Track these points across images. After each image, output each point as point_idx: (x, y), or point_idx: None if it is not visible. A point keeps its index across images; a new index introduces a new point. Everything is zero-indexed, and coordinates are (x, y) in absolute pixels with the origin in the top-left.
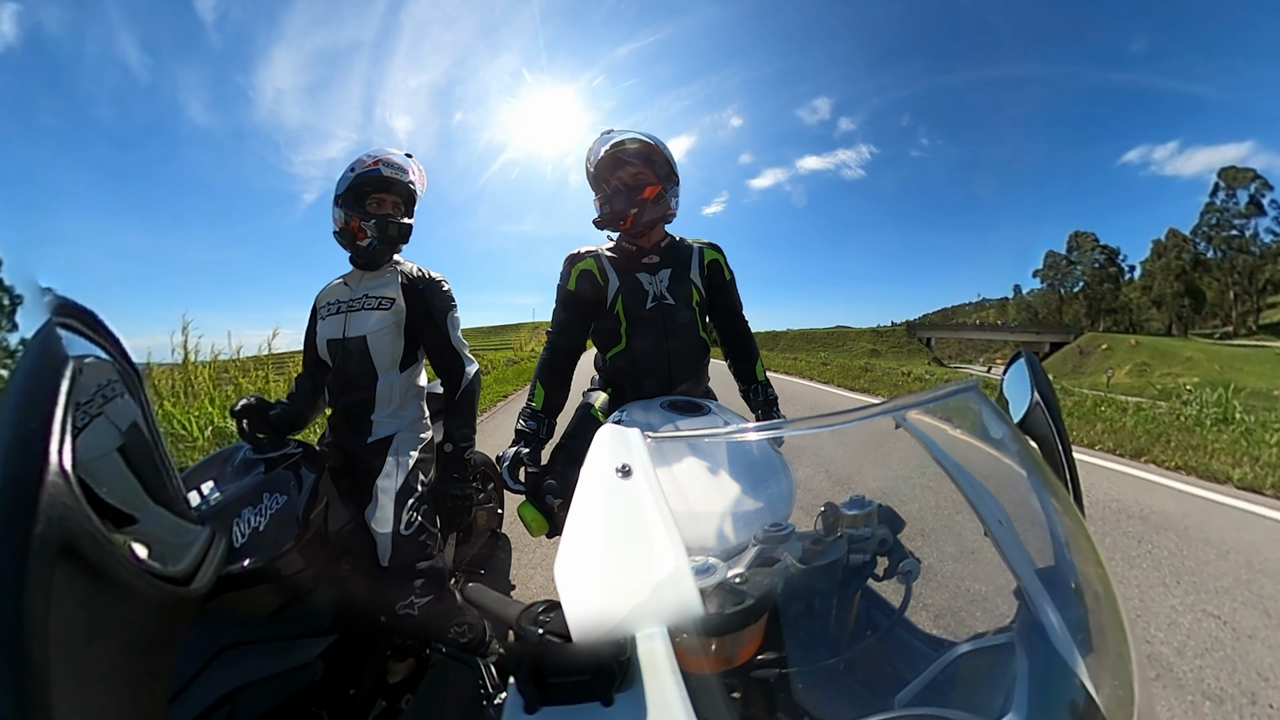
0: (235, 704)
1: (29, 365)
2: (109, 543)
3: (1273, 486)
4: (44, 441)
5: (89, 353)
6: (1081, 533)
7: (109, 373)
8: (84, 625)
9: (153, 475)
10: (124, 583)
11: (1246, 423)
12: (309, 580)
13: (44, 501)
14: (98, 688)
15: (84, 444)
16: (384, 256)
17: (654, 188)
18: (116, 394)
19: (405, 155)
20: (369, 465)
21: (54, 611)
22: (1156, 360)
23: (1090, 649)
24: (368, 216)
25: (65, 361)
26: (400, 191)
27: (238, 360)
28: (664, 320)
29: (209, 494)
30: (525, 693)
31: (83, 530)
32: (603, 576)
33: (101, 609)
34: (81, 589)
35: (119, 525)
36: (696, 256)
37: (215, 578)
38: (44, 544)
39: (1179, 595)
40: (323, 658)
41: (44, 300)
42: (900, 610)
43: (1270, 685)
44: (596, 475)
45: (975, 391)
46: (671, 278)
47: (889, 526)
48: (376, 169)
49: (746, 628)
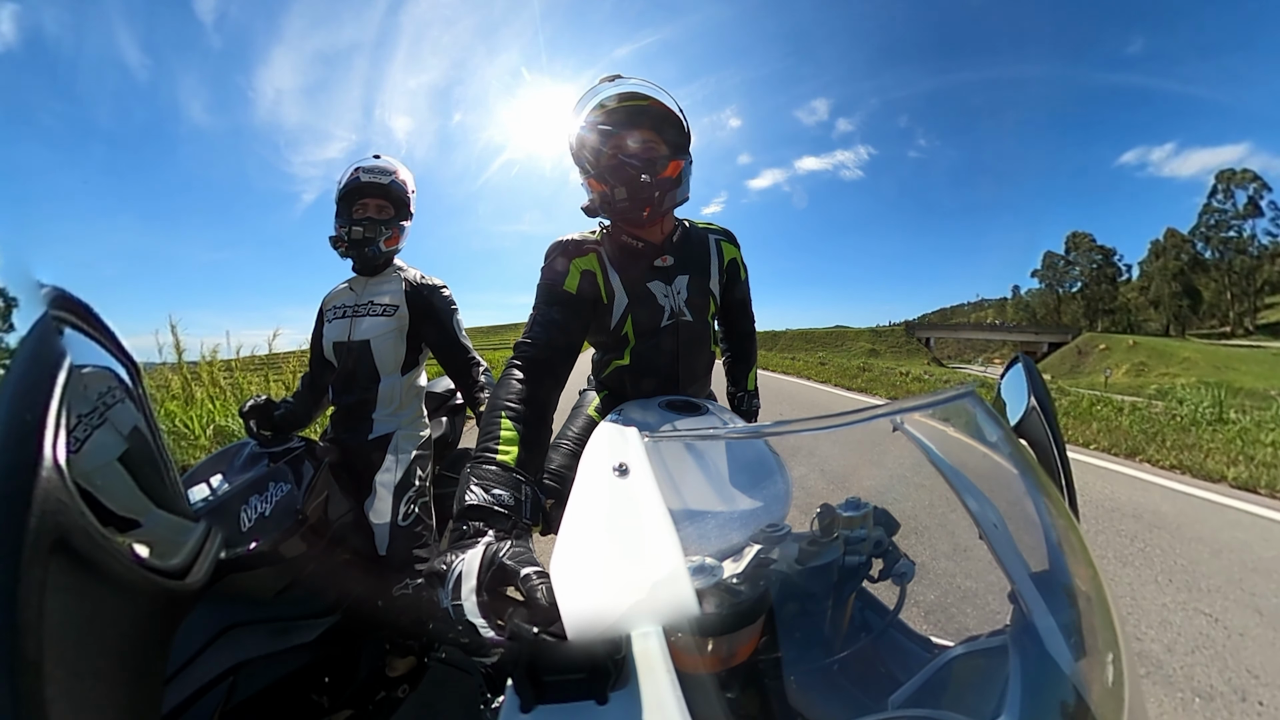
0: (238, 678)
1: (24, 359)
2: (103, 537)
3: (1267, 486)
4: (38, 436)
5: (86, 349)
6: (1075, 537)
7: (109, 379)
8: (78, 619)
9: (154, 478)
10: (119, 577)
11: (1241, 422)
12: (310, 565)
13: (38, 496)
14: (92, 681)
15: (88, 452)
16: (376, 260)
17: (677, 163)
18: (118, 400)
19: (387, 159)
20: (368, 460)
21: (48, 606)
22: (1154, 360)
23: (1083, 653)
24: (345, 221)
25: (62, 356)
26: (385, 195)
27: (238, 360)
28: (679, 338)
29: (218, 486)
30: (521, 691)
31: (77, 525)
32: (599, 575)
33: (96, 603)
34: (76, 583)
35: (122, 530)
36: (715, 254)
37: (211, 571)
38: (38, 538)
39: (1171, 593)
40: (322, 639)
41: (41, 294)
42: (895, 611)
43: (1260, 683)
44: (594, 473)
45: (973, 396)
46: (690, 287)
47: (884, 528)
48: (356, 177)
49: (742, 628)
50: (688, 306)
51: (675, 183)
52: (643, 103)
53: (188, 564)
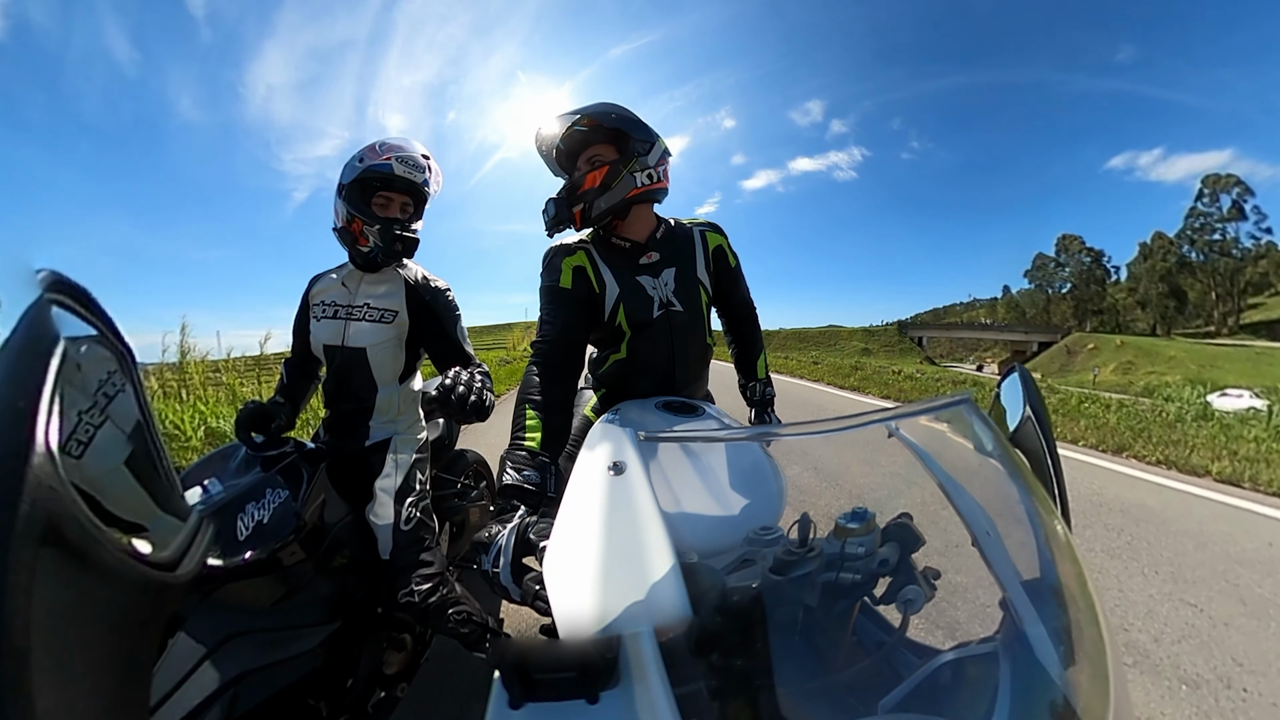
0: (239, 689)
1: (18, 342)
2: (95, 527)
3: (1251, 480)
4: (30, 421)
5: (83, 333)
6: (1067, 546)
7: (107, 365)
8: (67, 609)
9: (154, 476)
10: (109, 567)
11: (1225, 418)
12: (309, 572)
13: (29, 482)
14: (79, 672)
15: (93, 457)
16: (385, 265)
17: (594, 174)
18: (118, 389)
19: (424, 155)
20: (365, 465)
21: (37, 595)
22: (1141, 359)
23: (1072, 660)
24: (372, 219)
25: (56, 340)
26: (413, 193)
27: (228, 361)
28: (671, 329)
29: (212, 489)
30: (510, 689)
31: (67, 513)
32: (592, 575)
33: (85, 593)
34: (65, 572)
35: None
36: (700, 245)
37: (201, 564)
38: (28, 526)
39: (1156, 585)
40: (323, 646)
41: (36, 277)
42: (898, 634)
43: (1245, 670)
44: (589, 473)
45: (968, 403)
46: (677, 278)
47: (901, 545)
48: (389, 164)
49: (734, 630)
50: (676, 296)
51: (600, 190)
52: (583, 126)
53: (178, 556)
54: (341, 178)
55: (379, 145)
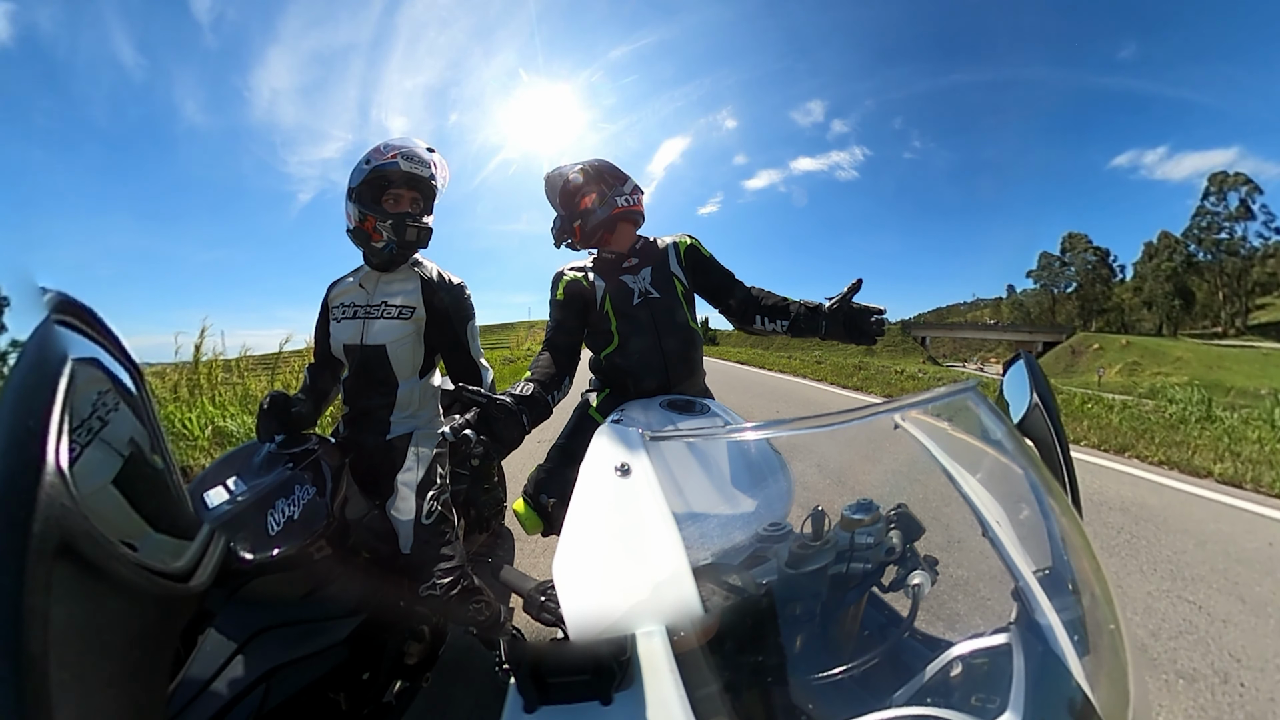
0: (271, 683)
1: (27, 363)
2: (107, 541)
3: (1253, 481)
4: (41, 441)
5: (89, 353)
6: (1079, 534)
7: (104, 384)
8: (83, 622)
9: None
10: (123, 580)
11: (1229, 420)
12: (336, 566)
13: (41, 500)
14: (96, 683)
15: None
16: (401, 260)
17: (587, 197)
18: (112, 407)
19: (428, 149)
20: (387, 459)
21: (53, 609)
22: (1147, 360)
23: (1087, 649)
24: (384, 215)
25: (64, 360)
26: (421, 188)
27: (243, 359)
28: (653, 314)
29: (235, 488)
30: (525, 692)
31: (80, 528)
32: (602, 575)
33: (100, 606)
34: (80, 587)
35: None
36: (672, 251)
37: (215, 574)
38: (42, 542)
39: (1155, 582)
40: (349, 639)
41: (43, 298)
42: (908, 621)
43: (1242, 666)
44: (596, 474)
45: (974, 392)
46: (653, 274)
47: (904, 533)
48: (395, 162)
49: (745, 627)
50: (653, 287)
51: (591, 209)
52: (577, 175)
53: (191, 567)
54: (350, 181)
55: (383, 146)
